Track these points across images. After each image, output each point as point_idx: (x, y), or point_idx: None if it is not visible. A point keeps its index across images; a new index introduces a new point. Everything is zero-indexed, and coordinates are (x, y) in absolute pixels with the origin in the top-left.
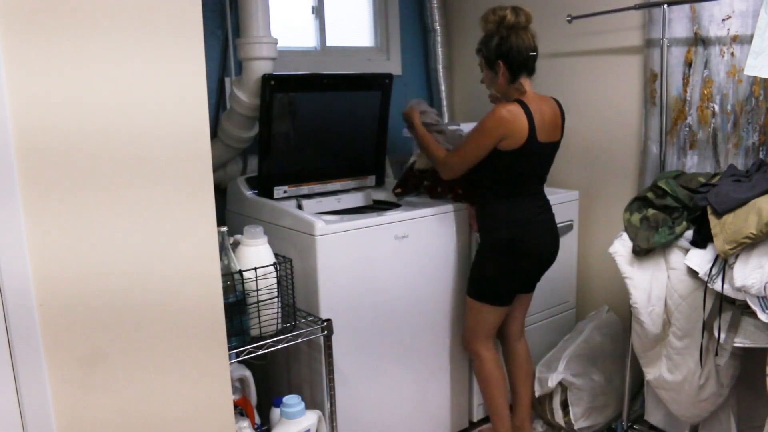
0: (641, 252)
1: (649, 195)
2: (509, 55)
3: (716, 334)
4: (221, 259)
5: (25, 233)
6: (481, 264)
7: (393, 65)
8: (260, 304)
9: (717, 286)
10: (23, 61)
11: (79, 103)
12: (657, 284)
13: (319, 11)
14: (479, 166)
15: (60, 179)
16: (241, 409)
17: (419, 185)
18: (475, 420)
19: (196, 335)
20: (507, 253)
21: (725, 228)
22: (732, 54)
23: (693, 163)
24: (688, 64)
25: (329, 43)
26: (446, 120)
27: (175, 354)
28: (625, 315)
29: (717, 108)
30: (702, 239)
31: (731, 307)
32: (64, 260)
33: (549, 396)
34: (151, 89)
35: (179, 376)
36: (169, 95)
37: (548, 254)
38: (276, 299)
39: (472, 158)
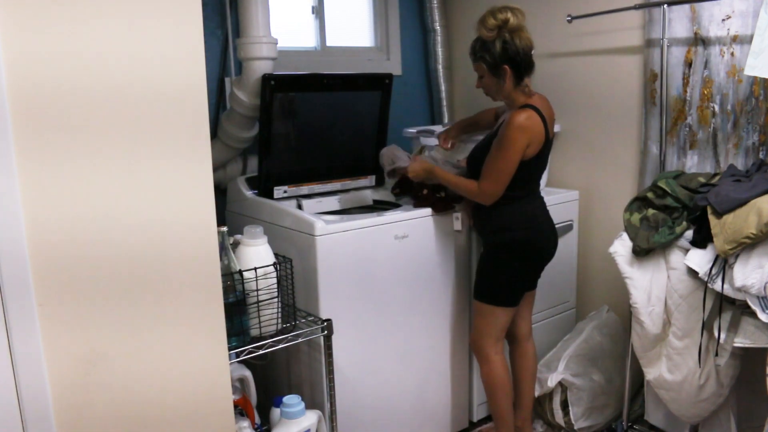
0: (641, 252)
1: (649, 195)
2: (516, 58)
3: (716, 334)
4: (221, 259)
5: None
6: (491, 266)
7: (393, 65)
8: (260, 304)
9: (717, 286)
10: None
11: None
12: (657, 284)
13: (319, 11)
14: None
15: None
16: (241, 409)
17: (416, 189)
18: (475, 420)
19: (197, 335)
20: (519, 254)
21: (725, 228)
22: (732, 54)
23: (693, 163)
24: (688, 64)
25: (329, 43)
26: (446, 120)
27: (175, 354)
28: (625, 315)
29: (717, 108)
30: (702, 239)
31: (731, 307)
32: (63, 251)
33: (549, 396)
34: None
35: (179, 375)
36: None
37: (552, 250)
38: (276, 299)
39: (507, 176)
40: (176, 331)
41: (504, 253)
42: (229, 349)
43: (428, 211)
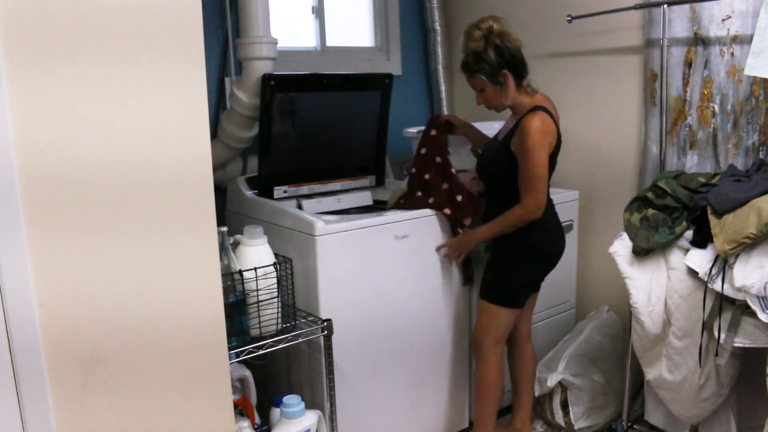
0: (641, 252)
1: (649, 195)
2: (512, 60)
3: (716, 334)
4: (221, 259)
5: (27, 244)
6: (501, 267)
7: (393, 65)
8: (260, 304)
9: (717, 286)
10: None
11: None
12: (657, 284)
13: (319, 11)
14: (508, 176)
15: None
16: (241, 409)
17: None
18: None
19: (196, 336)
20: (530, 256)
21: (725, 228)
22: (732, 54)
23: (693, 163)
24: (688, 64)
25: (329, 43)
26: None
27: (174, 354)
28: (625, 315)
29: (717, 108)
30: (702, 239)
31: (731, 307)
32: (65, 276)
33: (549, 396)
34: (150, 100)
35: (179, 376)
36: (168, 110)
37: (561, 253)
38: (276, 299)
39: (543, 182)
40: (176, 333)
41: (516, 256)
42: (229, 349)
43: (428, 211)
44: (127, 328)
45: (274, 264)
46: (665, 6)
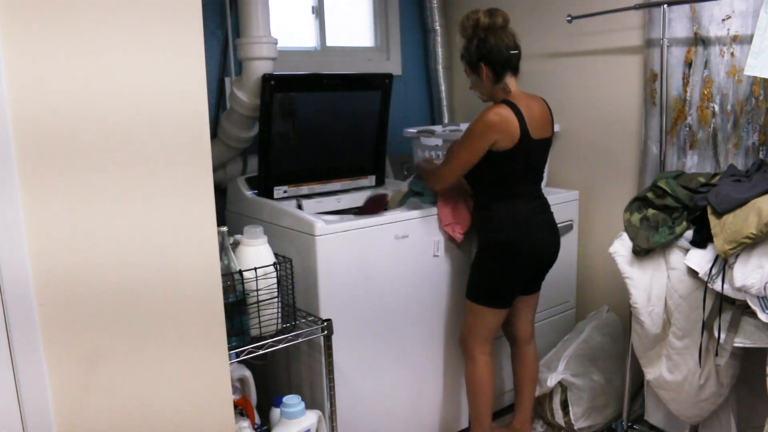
0: (641, 252)
1: (649, 195)
2: (490, 55)
3: (716, 334)
4: (221, 259)
5: (25, 232)
6: (480, 266)
7: (393, 65)
8: (260, 304)
9: (717, 286)
10: (22, 51)
11: (78, 97)
12: (657, 284)
13: (319, 11)
14: (476, 167)
15: (60, 175)
16: (241, 409)
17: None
18: None
19: (196, 335)
20: (506, 255)
21: (725, 228)
22: (732, 54)
23: (693, 163)
24: (688, 64)
25: (329, 43)
26: (446, 120)
27: (174, 354)
28: (625, 315)
29: (717, 108)
30: (702, 239)
31: (731, 307)
32: (64, 259)
33: (549, 396)
34: (151, 81)
35: (179, 376)
36: (168, 86)
37: (549, 254)
38: (276, 299)
39: (465, 164)
40: (176, 331)
41: (490, 253)
42: (229, 349)
43: (428, 211)
44: (125, 320)
45: (274, 264)
46: (665, 6)
